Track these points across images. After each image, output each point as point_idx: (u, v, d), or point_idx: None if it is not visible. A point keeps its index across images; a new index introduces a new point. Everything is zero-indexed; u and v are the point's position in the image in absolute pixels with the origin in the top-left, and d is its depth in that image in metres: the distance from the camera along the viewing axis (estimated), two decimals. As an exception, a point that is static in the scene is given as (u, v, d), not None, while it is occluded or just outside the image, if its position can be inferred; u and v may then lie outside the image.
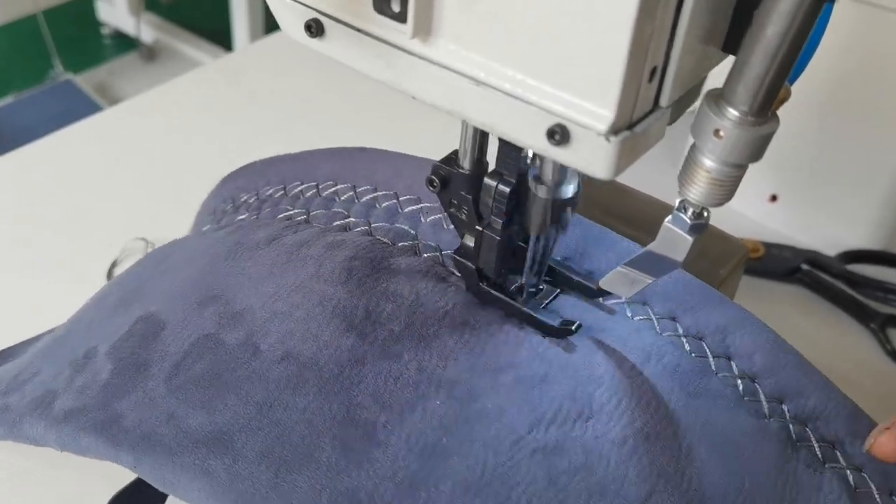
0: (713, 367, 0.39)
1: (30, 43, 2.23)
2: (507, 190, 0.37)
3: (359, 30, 0.32)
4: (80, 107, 1.99)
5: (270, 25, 2.01)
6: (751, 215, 0.75)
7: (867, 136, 0.68)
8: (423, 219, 0.45)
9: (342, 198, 0.47)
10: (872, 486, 0.38)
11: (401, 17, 0.30)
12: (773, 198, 0.75)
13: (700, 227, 0.32)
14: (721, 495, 0.35)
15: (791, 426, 0.39)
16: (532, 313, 0.39)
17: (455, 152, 0.38)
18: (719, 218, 0.73)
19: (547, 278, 0.42)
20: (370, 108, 0.80)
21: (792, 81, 0.32)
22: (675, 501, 0.34)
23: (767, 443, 0.38)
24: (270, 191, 0.51)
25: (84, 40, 2.42)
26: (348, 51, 0.33)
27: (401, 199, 0.46)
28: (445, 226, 0.44)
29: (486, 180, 0.38)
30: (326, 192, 0.48)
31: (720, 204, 0.31)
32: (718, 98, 0.29)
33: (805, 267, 0.70)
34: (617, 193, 0.49)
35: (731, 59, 0.31)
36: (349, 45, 0.33)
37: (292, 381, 0.38)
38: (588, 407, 0.37)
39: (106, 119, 0.85)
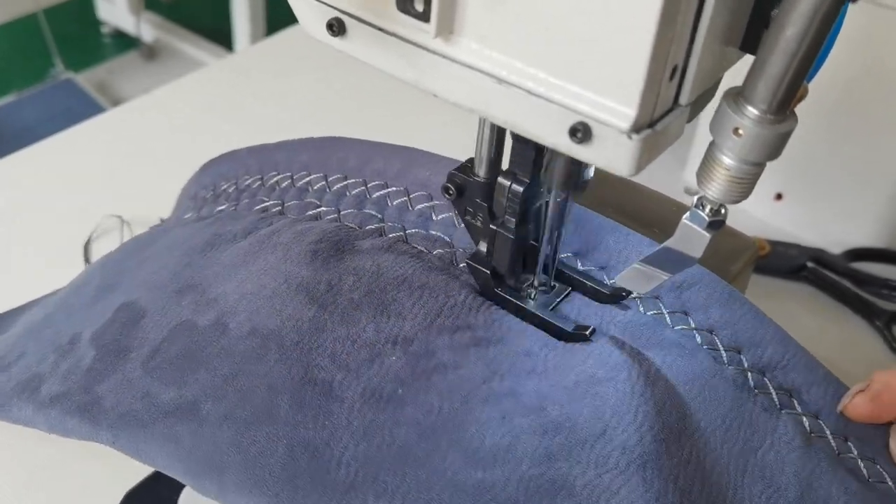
0: (668, 322, 0.40)
1: (30, 42, 2.23)
2: (521, 189, 0.37)
3: (381, 29, 0.32)
4: (81, 106, 1.99)
5: (272, 24, 2.01)
6: (757, 213, 0.76)
7: (872, 134, 0.69)
8: (389, 202, 0.47)
9: (315, 187, 0.49)
10: (827, 432, 0.39)
11: (424, 17, 0.30)
12: (779, 196, 0.75)
13: (718, 223, 0.33)
14: (676, 432, 0.36)
15: (749, 374, 0.40)
16: (546, 318, 0.40)
17: (470, 160, 0.38)
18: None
19: (554, 283, 0.42)
20: (374, 107, 0.80)
21: (809, 80, 0.32)
22: (629, 437, 0.35)
23: (724, 386, 0.39)
24: (249, 180, 0.53)
25: (84, 39, 2.42)
26: (370, 50, 0.33)
27: (369, 185, 0.48)
28: (410, 207, 0.46)
29: (500, 179, 0.38)
30: (300, 183, 0.50)
31: (738, 201, 0.32)
32: (738, 97, 0.30)
33: (810, 265, 0.71)
34: (628, 191, 0.50)
35: (748, 57, 0.31)
36: (371, 45, 0.33)
37: (256, 353, 0.40)
38: (542, 363, 0.39)
39: (109, 119, 0.85)
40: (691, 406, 0.37)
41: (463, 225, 0.42)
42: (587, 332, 0.40)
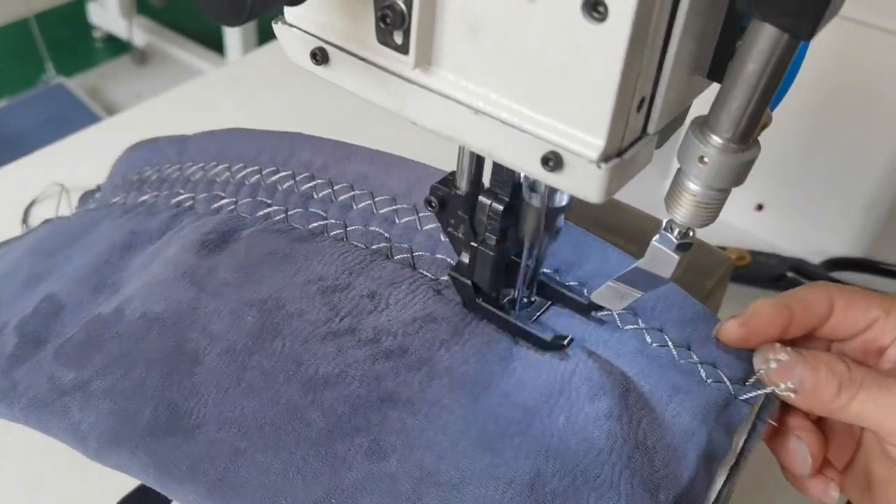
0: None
1: (21, 46, 2.23)
2: (501, 208, 0.39)
3: (363, 59, 0.34)
4: (72, 111, 2.00)
5: (263, 29, 2.02)
6: (737, 224, 0.77)
7: (850, 147, 0.70)
8: (279, 187, 0.51)
9: (221, 178, 0.54)
10: (669, 342, 0.41)
11: (403, 49, 0.32)
12: (760, 207, 0.77)
13: (686, 245, 0.34)
14: (500, 354, 0.41)
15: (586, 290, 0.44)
16: (525, 328, 0.41)
17: (452, 174, 0.39)
18: (707, 227, 0.76)
19: (536, 297, 0.44)
20: (364, 118, 0.81)
21: (773, 108, 0.34)
22: (454, 361, 0.40)
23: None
24: (170, 169, 0.57)
25: (76, 44, 2.42)
26: (352, 78, 0.34)
27: (263, 172, 0.52)
28: (296, 189, 0.50)
29: (481, 198, 0.39)
30: (211, 174, 0.54)
31: (705, 225, 0.33)
32: (703, 126, 0.31)
33: (790, 274, 0.72)
34: (613, 209, 0.51)
35: (716, 85, 0.33)
36: (353, 73, 0.34)
37: (141, 334, 0.45)
38: (384, 302, 0.43)
39: (102, 129, 0.86)
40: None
41: (342, 200, 0.49)
42: (564, 342, 0.41)
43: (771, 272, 0.72)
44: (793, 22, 0.27)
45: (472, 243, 0.40)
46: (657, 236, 0.34)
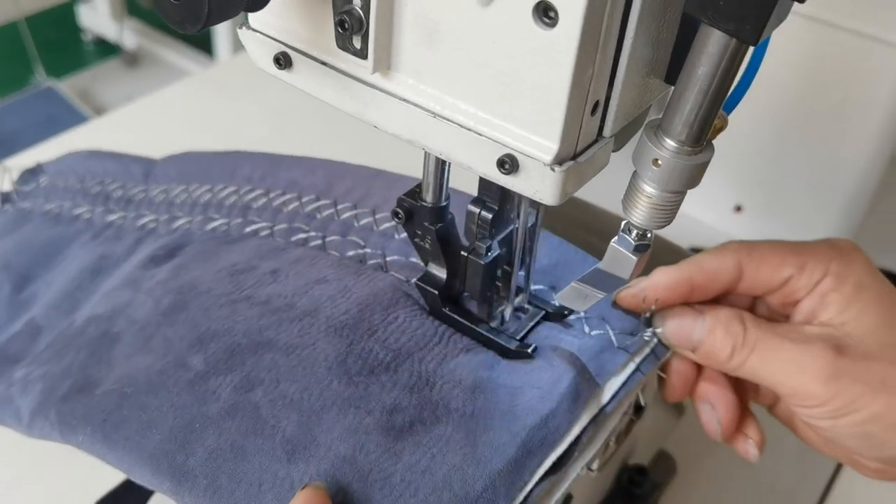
0: None
1: (11, 49, 2.23)
2: (490, 216, 0.39)
3: (324, 63, 0.34)
4: (63, 113, 2.00)
5: (252, 32, 2.02)
6: (716, 225, 0.78)
7: (827, 148, 0.71)
8: (225, 203, 0.56)
9: (179, 200, 0.59)
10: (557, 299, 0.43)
11: (362, 54, 0.32)
12: (738, 208, 0.77)
13: (643, 247, 0.34)
14: (380, 306, 0.44)
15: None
16: (489, 336, 0.41)
17: (419, 186, 0.40)
18: (687, 227, 0.77)
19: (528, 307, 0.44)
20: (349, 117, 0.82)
21: (729, 111, 0.34)
22: (334, 313, 0.44)
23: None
24: (135, 190, 0.62)
25: (66, 46, 2.42)
26: (314, 83, 0.35)
27: (214, 189, 0.58)
28: (240, 201, 0.55)
29: (470, 207, 0.39)
30: (171, 195, 0.60)
31: (661, 227, 0.33)
32: (657, 129, 0.31)
33: (767, 275, 0.73)
34: (593, 212, 0.52)
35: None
36: (315, 77, 0.35)
37: (80, 330, 0.50)
38: (284, 276, 0.47)
39: (91, 130, 0.86)
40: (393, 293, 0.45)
41: (276, 205, 0.53)
42: (529, 350, 0.41)
43: (748, 273, 0.73)
44: (737, 27, 0.27)
45: (462, 252, 0.41)
46: (615, 238, 0.35)
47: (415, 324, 0.43)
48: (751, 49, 0.33)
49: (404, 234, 0.47)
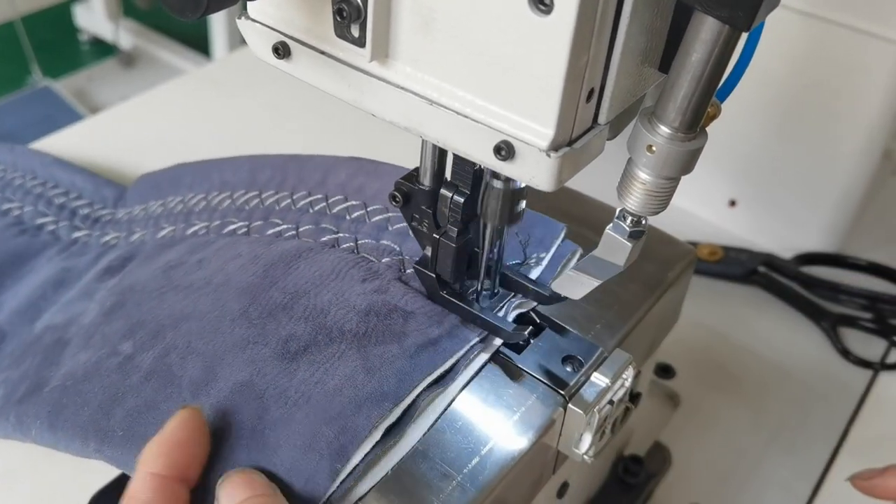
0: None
1: (8, 49, 2.23)
2: (462, 200, 0.39)
3: (322, 52, 0.34)
4: (59, 113, 2.00)
5: (248, 32, 2.02)
6: (711, 220, 0.78)
7: (821, 144, 0.71)
8: (173, 212, 0.60)
9: (139, 217, 0.63)
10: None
11: (360, 42, 0.32)
12: (733, 203, 0.78)
13: (638, 233, 0.35)
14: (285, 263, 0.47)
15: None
16: (487, 319, 0.42)
17: (416, 169, 0.40)
18: (682, 221, 0.77)
19: (499, 288, 0.44)
20: (346, 112, 0.82)
21: (723, 99, 0.35)
22: (244, 264, 0.47)
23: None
24: (104, 212, 0.67)
25: (62, 46, 2.42)
26: (312, 71, 0.35)
27: (167, 203, 0.61)
28: (185, 209, 0.59)
29: (442, 191, 0.40)
30: (133, 214, 0.64)
31: (656, 213, 0.34)
32: (651, 116, 0.32)
33: (762, 269, 0.73)
34: (583, 204, 0.52)
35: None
36: (313, 66, 0.35)
37: (37, 338, 0.53)
38: (208, 262, 0.50)
39: (87, 127, 0.86)
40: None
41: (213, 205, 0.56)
42: (525, 332, 0.42)
43: (743, 267, 0.73)
44: (730, 13, 0.28)
45: (434, 235, 0.41)
46: (611, 225, 0.35)
47: (314, 268, 0.45)
48: (744, 37, 0.34)
49: (375, 218, 0.49)
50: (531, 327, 0.42)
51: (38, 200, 0.68)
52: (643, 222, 0.35)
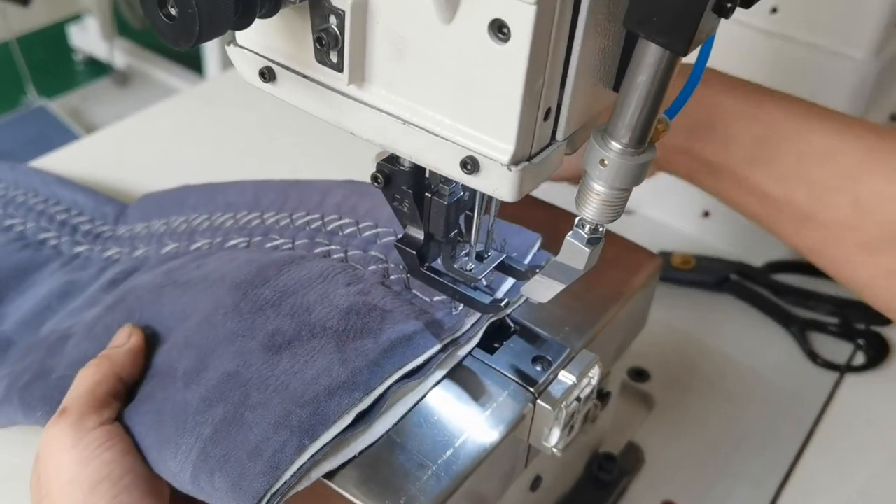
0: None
1: (3, 69, 2.26)
2: None
3: (304, 76, 0.38)
4: (54, 132, 2.03)
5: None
6: (684, 230, 0.81)
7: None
8: (178, 231, 0.64)
9: (142, 234, 0.68)
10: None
11: (338, 68, 0.35)
12: (706, 214, 0.81)
13: (595, 240, 0.38)
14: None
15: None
16: (465, 293, 0.44)
17: None
18: (657, 232, 0.80)
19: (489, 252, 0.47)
20: (333, 132, 0.85)
21: (672, 116, 0.38)
22: (239, 261, 0.52)
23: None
24: (104, 227, 0.71)
25: (57, 66, 2.45)
26: (296, 94, 0.38)
27: (171, 223, 0.66)
28: (189, 227, 0.63)
29: None
30: (135, 231, 0.69)
31: (611, 221, 0.37)
32: (604, 133, 0.35)
33: (733, 277, 0.77)
34: (552, 212, 0.55)
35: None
36: (296, 89, 0.38)
37: (42, 339, 0.58)
38: (207, 264, 0.54)
39: (83, 147, 0.89)
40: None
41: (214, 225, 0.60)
42: (502, 304, 0.45)
43: (714, 275, 0.76)
44: (668, 40, 0.31)
45: (427, 194, 0.42)
46: (570, 233, 0.38)
47: (303, 271, 0.49)
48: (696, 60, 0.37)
49: (366, 234, 0.52)
50: (507, 300, 0.45)
51: (41, 217, 0.72)
52: (600, 230, 0.38)
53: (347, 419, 0.41)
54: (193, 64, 2.28)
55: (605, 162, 0.35)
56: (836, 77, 0.69)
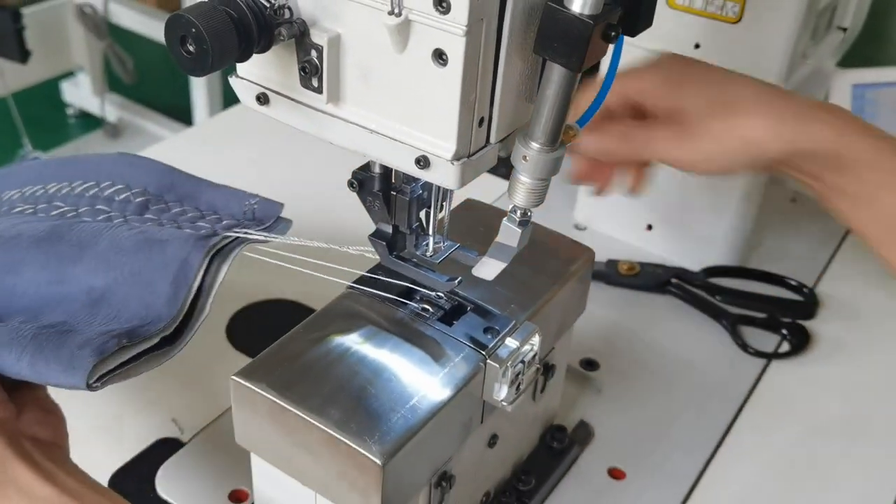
0: None
1: (0, 124, 2.35)
2: None
3: (292, 99, 0.48)
4: (50, 182, 2.11)
5: (227, 100, 2.16)
6: (630, 241, 0.91)
7: (719, 178, 0.85)
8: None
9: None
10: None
11: (318, 90, 0.45)
12: (649, 227, 0.91)
13: (525, 222, 0.48)
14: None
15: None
16: (427, 275, 0.53)
17: (369, 162, 0.51)
18: (605, 244, 0.90)
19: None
20: (311, 166, 0.95)
21: (582, 125, 0.48)
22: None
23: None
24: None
25: (51, 120, 2.54)
26: (286, 113, 0.48)
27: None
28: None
29: None
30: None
31: (536, 205, 0.47)
32: (525, 135, 0.45)
33: (674, 280, 0.86)
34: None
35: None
36: (286, 110, 0.48)
37: None
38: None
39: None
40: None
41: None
42: (455, 283, 0.54)
43: (657, 279, 0.86)
44: (566, 60, 0.41)
45: (392, 192, 0.52)
46: (505, 217, 0.48)
47: (92, 226, 0.58)
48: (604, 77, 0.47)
49: (138, 199, 0.64)
50: (461, 278, 0.54)
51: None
52: (528, 214, 0.48)
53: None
54: (182, 115, 2.38)
55: (527, 158, 0.45)
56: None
